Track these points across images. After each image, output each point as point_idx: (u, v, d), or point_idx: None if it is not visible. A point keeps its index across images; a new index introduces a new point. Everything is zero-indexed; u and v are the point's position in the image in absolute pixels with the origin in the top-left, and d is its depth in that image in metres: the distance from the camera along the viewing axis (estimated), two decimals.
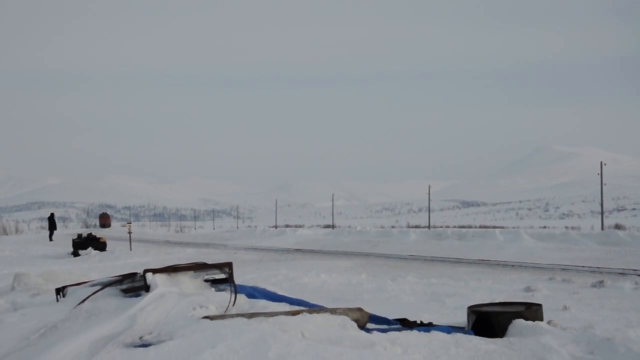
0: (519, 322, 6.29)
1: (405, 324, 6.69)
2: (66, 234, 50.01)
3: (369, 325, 6.38)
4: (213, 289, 7.06)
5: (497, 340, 5.95)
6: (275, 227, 61.95)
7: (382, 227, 61.54)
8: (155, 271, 6.97)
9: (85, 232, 29.59)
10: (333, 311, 6.05)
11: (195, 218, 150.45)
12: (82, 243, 24.65)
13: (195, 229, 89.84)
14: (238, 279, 7.74)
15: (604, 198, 42.16)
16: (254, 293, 7.19)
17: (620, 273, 14.20)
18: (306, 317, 5.69)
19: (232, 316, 5.59)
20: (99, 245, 24.88)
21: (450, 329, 6.29)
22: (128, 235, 28.31)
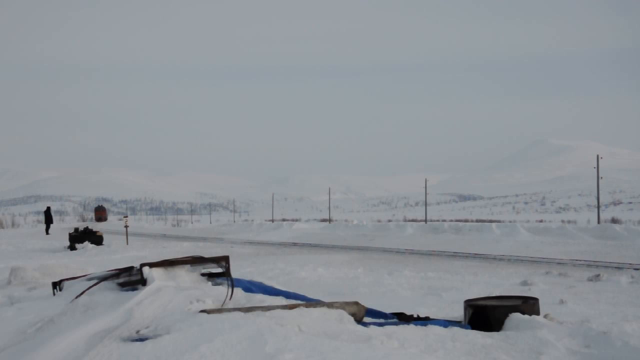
0: (515, 316, 6.30)
1: (402, 318, 6.69)
2: (63, 227, 49.96)
3: (366, 319, 6.37)
4: (210, 283, 7.06)
5: (494, 334, 5.96)
6: (272, 220, 61.96)
7: (379, 221, 61.57)
8: (152, 265, 6.96)
9: (82, 226, 29.55)
10: (330, 305, 6.04)
11: (192, 212, 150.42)
12: (79, 237, 24.60)
13: (192, 222, 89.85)
14: (235, 273, 7.74)
15: (600, 192, 42.19)
16: (250, 287, 7.18)
17: (616, 267, 14.23)
18: (303, 311, 5.69)
19: (229, 310, 5.58)
20: (96, 239, 24.84)
21: (447, 323, 6.29)
22: (125, 229, 28.29)
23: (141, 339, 4.84)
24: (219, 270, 7.22)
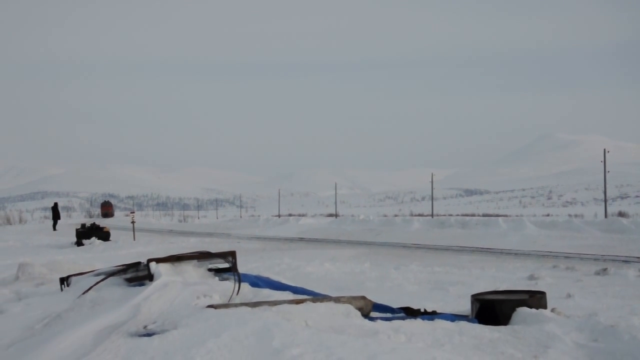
0: (522, 310, 6.28)
1: (409, 313, 6.68)
2: (70, 223, 50.14)
3: (373, 314, 6.38)
4: (217, 278, 7.07)
5: (501, 328, 5.94)
6: (279, 216, 61.96)
7: (385, 215, 61.52)
8: (159, 260, 6.98)
9: (88, 222, 29.63)
10: (337, 300, 6.05)
11: (199, 207, 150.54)
12: (86, 233, 24.69)
13: (198, 218, 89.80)
14: (242, 268, 7.75)
15: (607, 186, 42.01)
16: (257, 282, 7.19)
17: (623, 260, 14.18)
18: (310, 306, 5.69)
19: (236, 305, 5.59)
20: (103, 234, 24.91)
21: (454, 317, 6.29)
22: (131, 224, 28.37)
23: (148, 334, 4.86)
24: (226, 265, 7.23)
